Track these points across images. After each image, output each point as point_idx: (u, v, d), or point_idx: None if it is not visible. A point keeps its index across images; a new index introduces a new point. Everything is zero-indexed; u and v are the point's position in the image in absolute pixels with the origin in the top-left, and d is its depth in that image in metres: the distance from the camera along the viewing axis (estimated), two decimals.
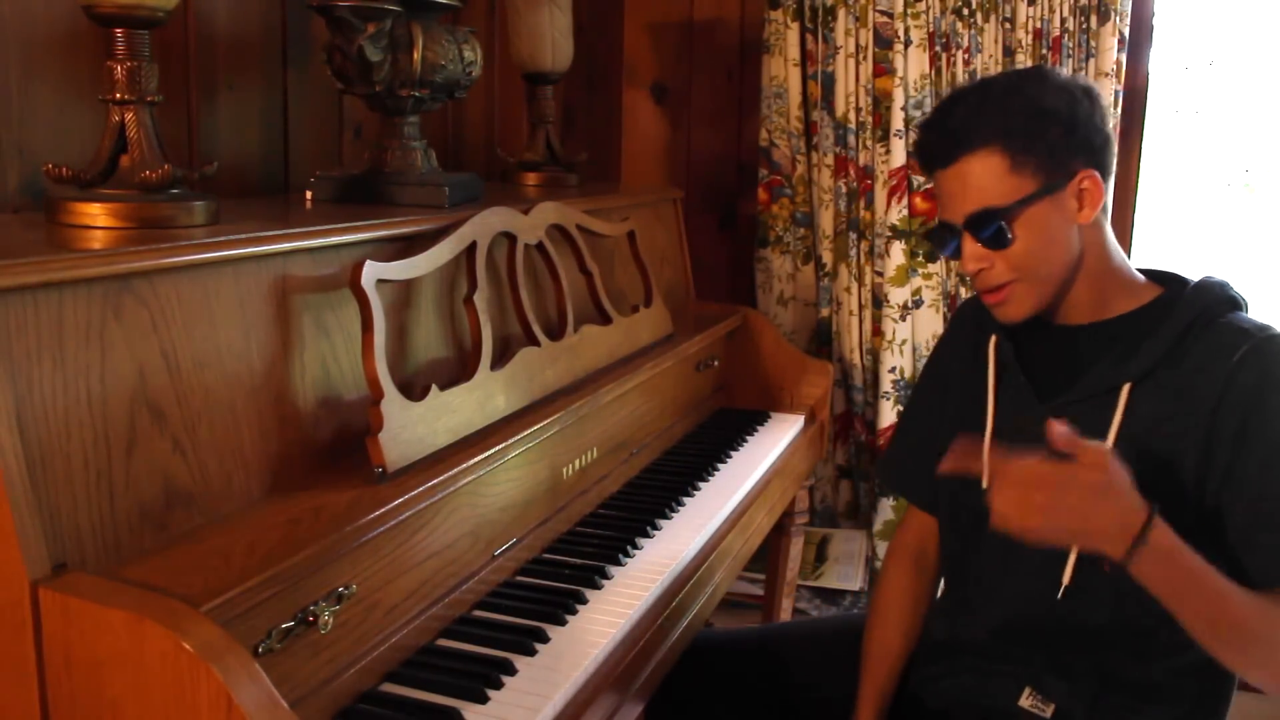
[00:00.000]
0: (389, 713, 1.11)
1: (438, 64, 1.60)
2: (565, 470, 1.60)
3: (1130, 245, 2.70)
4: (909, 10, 2.52)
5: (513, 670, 1.20)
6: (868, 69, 2.59)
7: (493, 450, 1.35)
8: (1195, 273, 1.40)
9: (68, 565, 0.91)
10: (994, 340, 1.44)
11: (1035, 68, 1.63)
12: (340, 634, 1.10)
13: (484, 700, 1.14)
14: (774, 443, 2.15)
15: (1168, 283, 1.40)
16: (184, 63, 1.57)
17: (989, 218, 1.31)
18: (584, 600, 1.39)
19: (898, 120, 2.56)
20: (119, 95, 1.17)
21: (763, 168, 2.78)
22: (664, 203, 2.40)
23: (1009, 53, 2.53)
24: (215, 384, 1.10)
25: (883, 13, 2.56)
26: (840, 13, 2.58)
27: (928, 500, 1.57)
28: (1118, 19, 2.43)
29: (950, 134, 1.34)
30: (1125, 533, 1.13)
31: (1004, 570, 1.40)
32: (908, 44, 2.53)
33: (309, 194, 1.64)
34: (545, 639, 1.28)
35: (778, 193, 2.78)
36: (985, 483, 1.40)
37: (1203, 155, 3.50)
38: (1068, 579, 1.33)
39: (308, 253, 1.23)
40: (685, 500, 1.78)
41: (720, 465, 1.98)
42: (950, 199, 1.35)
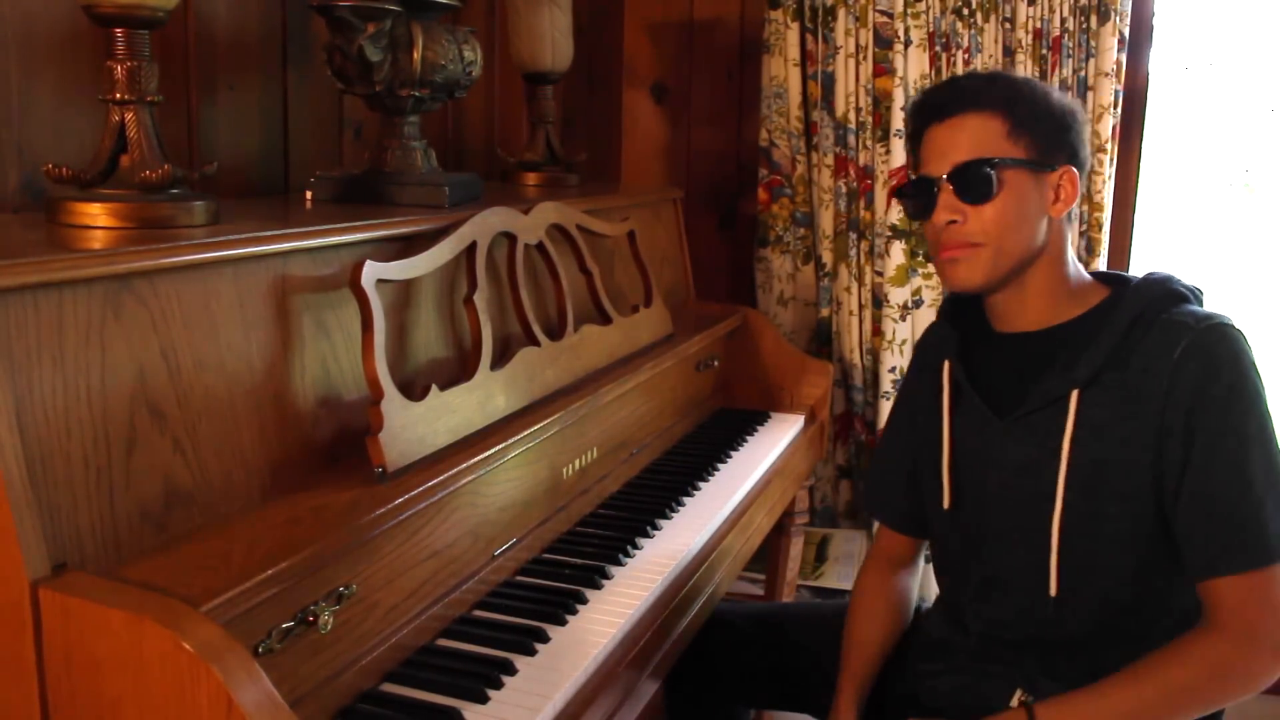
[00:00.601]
0: (389, 712, 1.11)
1: (438, 64, 1.60)
2: (565, 470, 1.60)
3: (1130, 245, 2.70)
4: (909, 10, 2.51)
5: (513, 670, 1.20)
6: (868, 69, 2.59)
7: (493, 450, 1.35)
8: (1194, 273, 1.40)
9: (68, 565, 0.91)
10: (947, 364, 1.46)
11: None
12: (340, 634, 1.10)
13: (484, 700, 1.14)
14: (774, 443, 2.15)
15: (1114, 284, 1.42)
16: (184, 63, 1.57)
17: (978, 166, 1.33)
18: (584, 600, 1.39)
19: (898, 120, 2.55)
20: (119, 95, 1.17)
21: (763, 168, 2.78)
22: (664, 203, 2.40)
23: (1009, 53, 2.52)
24: (215, 384, 1.10)
25: (883, 13, 2.56)
26: (840, 13, 2.58)
27: (901, 523, 1.61)
28: (1118, 19, 2.43)
29: (960, 91, 1.38)
30: None
31: (993, 583, 1.42)
32: (908, 44, 2.53)
33: (309, 194, 1.64)
34: (545, 639, 1.28)
35: (778, 193, 2.77)
36: (946, 503, 1.43)
37: (1202, 155, 3.50)
38: (1054, 590, 1.33)
39: (308, 253, 1.23)
40: (685, 500, 1.78)
41: (720, 465, 1.98)
42: (938, 153, 1.37)
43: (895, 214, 2.59)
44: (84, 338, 0.96)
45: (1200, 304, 1.35)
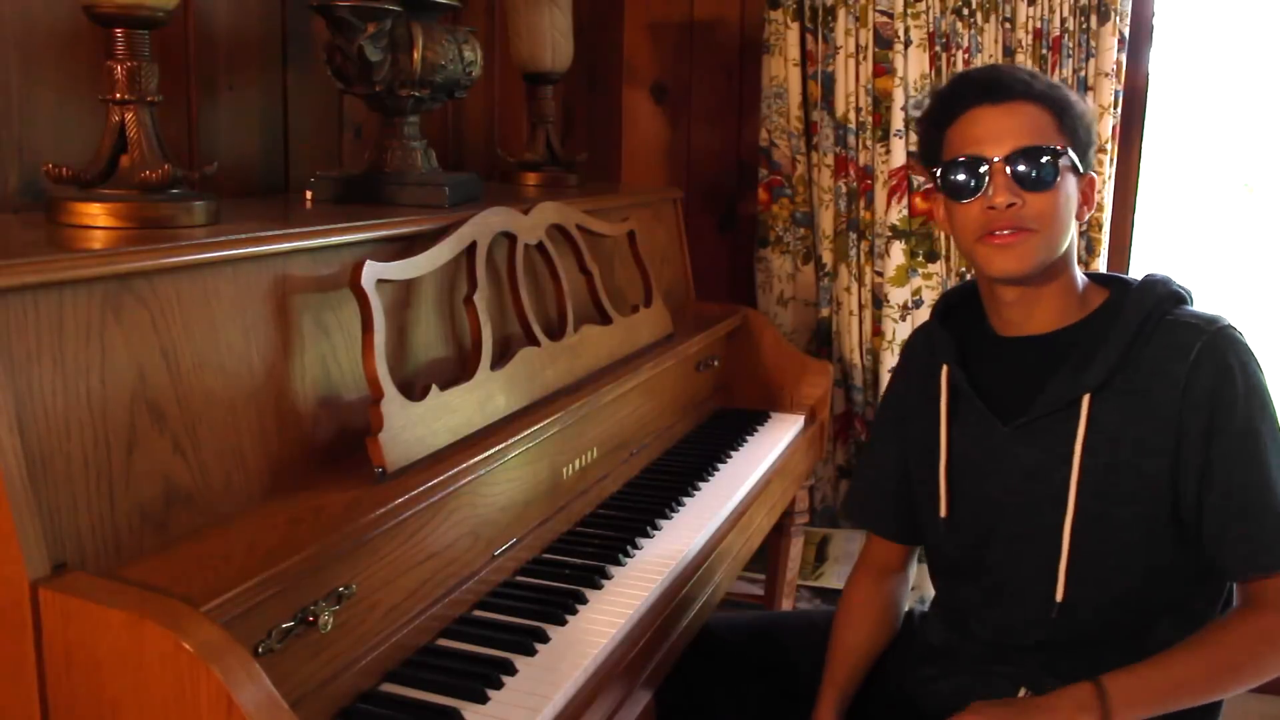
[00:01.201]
0: (389, 713, 1.11)
1: (438, 64, 1.60)
2: (565, 470, 1.60)
3: (1130, 245, 2.70)
4: (909, 10, 2.52)
5: (513, 670, 1.20)
6: (868, 69, 2.59)
7: (493, 450, 1.35)
8: (1192, 273, 1.40)
9: (68, 565, 0.91)
10: (945, 369, 1.45)
11: None
12: (340, 634, 1.10)
13: (484, 700, 1.14)
14: (774, 443, 2.15)
15: (1111, 286, 1.42)
16: (184, 63, 1.57)
17: (1041, 152, 1.32)
18: (584, 600, 1.39)
19: (898, 120, 2.56)
20: (119, 95, 1.17)
21: (763, 168, 2.78)
22: (664, 203, 2.40)
23: (1009, 53, 2.53)
24: (215, 384, 1.10)
25: (883, 13, 2.56)
26: (840, 13, 2.58)
27: (892, 532, 1.59)
28: (1118, 19, 2.43)
29: (1011, 77, 1.36)
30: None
31: (996, 592, 1.42)
32: (908, 44, 2.53)
33: (309, 194, 1.64)
34: (545, 639, 1.28)
35: (778, 193, 2.78)
36: (943, 510, 1.42)
37: (1202, 155, 3.50)
38: (1060, 595, 1.33)
39: (308, 253, 1.23)
40: (685, 500, 1.78)
41: (720, 465, 1.98)
42: (993, 134, 1.33)
43: (895, 214, 2.59)
44: (84, 338, 0.96)
45: (1193, 305, 1.36)
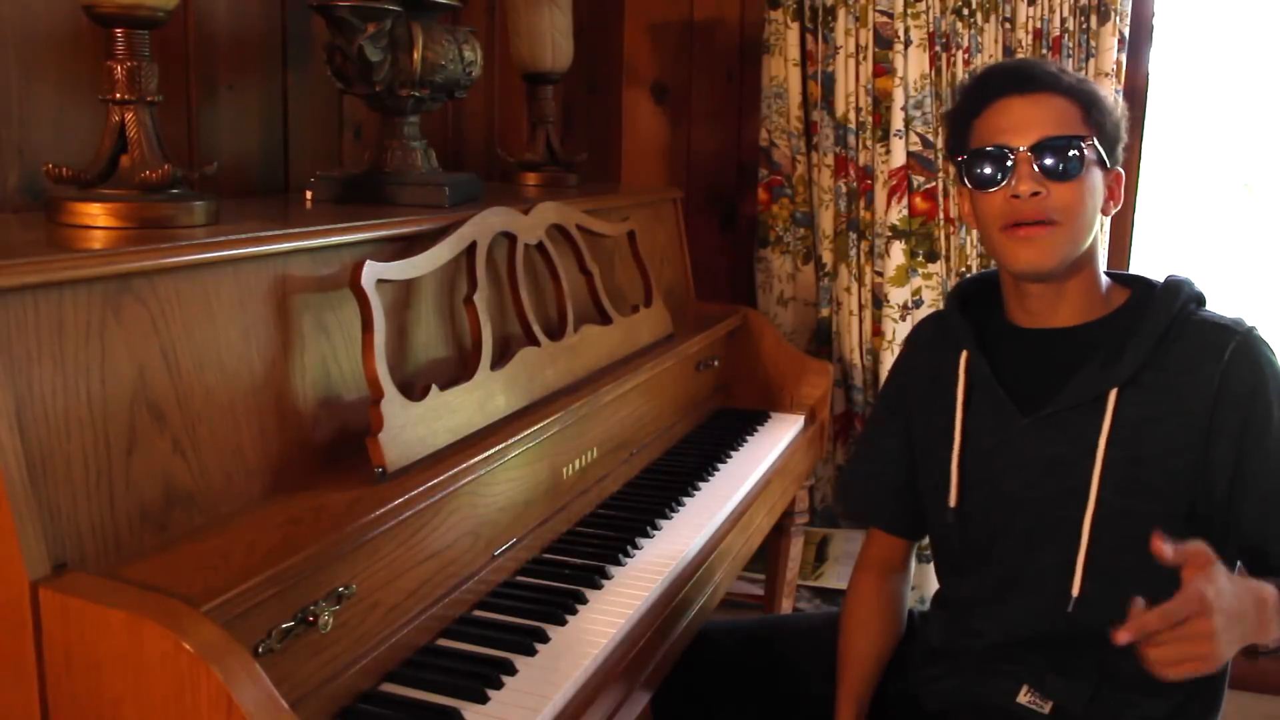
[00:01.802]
0: (389, 713, 1.11)
1: (438, 64, 1.60)
2: (565, 470, 1.60)
3: (1130, 245, 2.70)
4: (909, 10, 2.51)
5: (513, 670, 1.20)
6: (868, 69, 2.59)
7: (493, 450, 1.35)
8: (1192, 273, 1.41)
9: (68, 565, 0.91)
10: (965, 356, 1.44)
11: None
12: (340, 634, 1.10)
13: (484, 700, 1.14)
14: (774, 443, 2.15)
15: (1133, 285, 1.42)
16: (184, 63, 1.57)
17: (1067, 142, 1.32)
18: (584, 600, 1.39)
19: (898, 120, 2.56)
20: (119, 95, 1.17)
21: (763, 168, 2.78)
22: (664, 203, 2.40)
23: (1009, 53, 2.52)
24: (215, 384, 1.10)
25: (883, 13, 2.56)
26: (840, 13, 2.58)
27: (895, 525, 1.59)
28: (1118, 19, 2.43)
29: (1040, 69, 1.37)
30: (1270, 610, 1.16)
31: (1008, 591, 1.40)
32: (908, 44, 2.53)
33: (309, 194, 1.64)
34: (545, 639, 1.28)
35: (778, 193, 2.78)
36: (953, 500, 1.41)
37: (1202, 155, 3.50)
38: (1077, 589, 1.33)
39: (308, 253, 1.23)
40: (685, 500, 1.78)
41: (720, 465, 1.98)
42: (1019, 124, 1.34)
43: (895, 214, 2.59)
44: (84, 338, 0.96)
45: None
